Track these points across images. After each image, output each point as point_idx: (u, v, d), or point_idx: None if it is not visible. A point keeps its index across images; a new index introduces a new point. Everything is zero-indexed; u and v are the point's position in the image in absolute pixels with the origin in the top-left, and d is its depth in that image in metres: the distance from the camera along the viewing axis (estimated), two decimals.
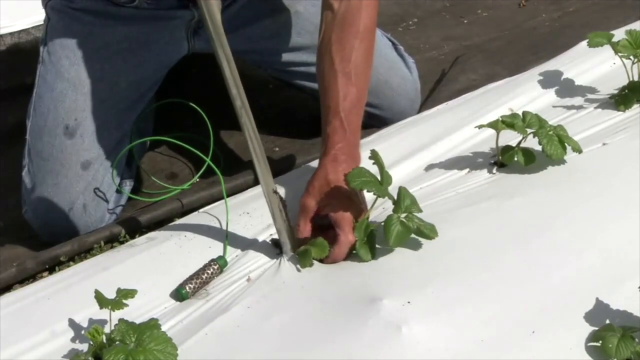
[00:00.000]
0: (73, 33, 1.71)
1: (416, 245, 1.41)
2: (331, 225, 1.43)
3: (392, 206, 1.41)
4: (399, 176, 1.56)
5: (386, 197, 1.41)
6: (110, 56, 1.71)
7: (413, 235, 1.39)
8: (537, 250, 1.38)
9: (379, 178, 1.42)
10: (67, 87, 1.67)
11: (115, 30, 1.71)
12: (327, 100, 1.52)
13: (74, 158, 1.65)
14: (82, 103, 1.67)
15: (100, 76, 1.69)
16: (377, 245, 1.41)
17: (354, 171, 1.40)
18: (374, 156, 1.44)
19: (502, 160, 1.57)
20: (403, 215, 1.38)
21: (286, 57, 1.84)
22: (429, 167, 1.62)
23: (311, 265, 1.39)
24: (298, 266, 1.40)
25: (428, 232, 1.39)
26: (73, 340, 1.29)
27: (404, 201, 1.40)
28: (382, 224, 1.38)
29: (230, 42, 1.82)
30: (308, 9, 1.81)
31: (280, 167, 1.70)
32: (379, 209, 1.47)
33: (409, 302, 1.28)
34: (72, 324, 1.31)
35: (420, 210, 1.41)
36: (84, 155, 1.66)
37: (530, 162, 1.55)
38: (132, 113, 1.75)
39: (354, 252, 1.41)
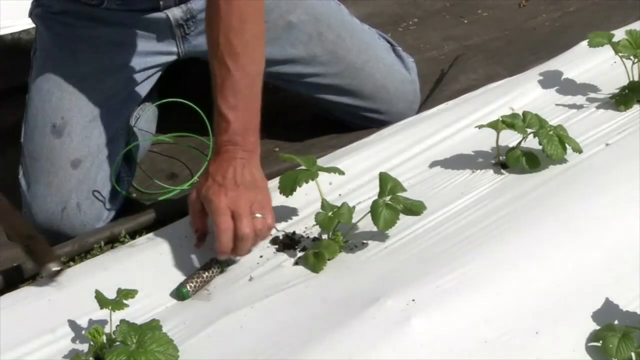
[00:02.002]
0: (57, 35, 1.73)
1: (419, 245, 1.41)
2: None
3: (347, 189, 1.46)
4: (398, 177, 1.56)
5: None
6: (95, 56, 1.72)
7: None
8: (539, 250, 1.38)
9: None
10: (53, 86, 1.68)
11: (97, 31, 1.72)
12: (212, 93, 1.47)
13: (63, 157, 1.65)
14: (67, 102, 1.67)
15: (86, 75, 1.70)
16: (377, 243, 1.42)
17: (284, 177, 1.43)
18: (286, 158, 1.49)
19: (508, 161, 1.57)
20: (388, 198, 1.40)
21: (279, 69, 1.82)
22: (430, 168, 1.62)
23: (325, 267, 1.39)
24: (302, 266, 1.40)
25: (416, 209, 1.40)
26: (73, 340, 1.28)
27: (386, 185, 1.41)
28: (369, 211, 1.39)
29: None
30: (302, 19, 1.79)
31: (280, 167, 1.70)
32: (334, 194, 1.52)
33: (413, 301, 1.28)
34: (73, 324, 1.31)
35: (404, 190, 1.43)
36: (73, 154, 1.66)
37: (534, 166, 1.55)
38: (122, 111, 1.75)
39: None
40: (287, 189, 1.42)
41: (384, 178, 1.43)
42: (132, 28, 1.72)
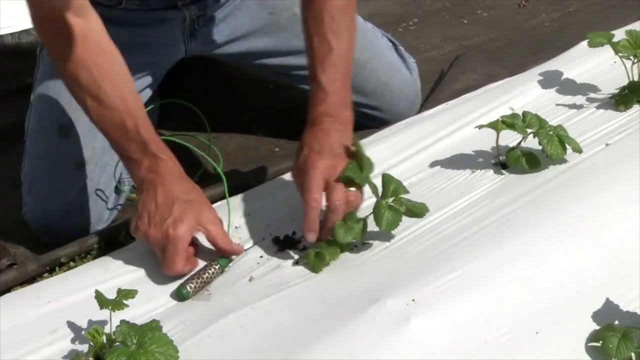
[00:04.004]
0: None
1: (420, 245, 1.41)
2: None
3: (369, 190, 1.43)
4: (398, 176, 1.56)
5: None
6: None
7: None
8: (539, 250, 1.38)
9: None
10: (62, 87, 1.67)
11: (108, 32, 1.71)
12: (308, 66, 1.50)
13: (68, 158, 1.65)
14: (76, 103, 1.67)
15: None
16: (377, 243, 1.43)
17: (348, 168, 1.41)
18: (356, 145, 1.45)
19: (508, 162, 1.57)
20: (390, 199, 1.40)
21: (284, 60, 1.83)
22: (430, 167, 1.62)
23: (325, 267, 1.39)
24: (302, 266, 1.40)
25: (418, 211, 1.41)
26: (73, 340, 1.28)
27: (389, 186, 1.41)
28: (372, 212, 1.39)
29: (227, 46, 1.83)
30: None
31: (280, 167, 1.71)
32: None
33: (413, 301, 1.28)
34: (72, 324, 1.31)
35: (407, 192, 1.43)
36: (78, 155, 1.66)
37: (534, 166, 1.55)
38: None
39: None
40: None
41: (387, 179, 1.43)
42: (144, 27, 1.71)
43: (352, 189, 1.41)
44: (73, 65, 1.39)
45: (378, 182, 1.44)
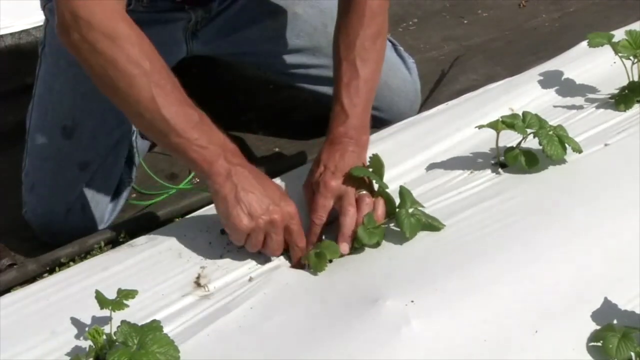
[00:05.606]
0: None
1: (419, 246, 1.41)
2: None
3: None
4: (398, 176, 1.57)
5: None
6: None
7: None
8: (539, 249, 1.38)
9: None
10: (66, 87, 1.67)
11: None
12: (334, 88, 1.53)
13: (71, 158, 1.65)
14: (80, 103, 1.66)
15: None
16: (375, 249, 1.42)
17: (357, 168, 1.44)
18: (375, 161, 1.47)
19: (506, 161, 1.58)
20: (410, 209, 1.41)
21: (284, 59, 1.84)
22: (430, 168, 1.62)
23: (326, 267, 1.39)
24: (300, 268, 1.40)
25: (437, 223, 1.43)
26: (73, 341, 1.28)
27: (407, 196, 1.43)
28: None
29: (228, 44, 1.83)
30: (307, 11, 1.80)
31: (280, 167, 1.71)
32: None
33: (412, 302, 1.28)
34: (73, 324, 1.30)
35: (422, 206, 1.44)
36: (81, 156, 1.66)
37: (533, 164, 1.55)
38: None
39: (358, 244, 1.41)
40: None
41: (404, 190, 1.45)
42: (148, 28, 1.71)
43: (364, 191, 1.43)
44: (137, 50, 1.38)
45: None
